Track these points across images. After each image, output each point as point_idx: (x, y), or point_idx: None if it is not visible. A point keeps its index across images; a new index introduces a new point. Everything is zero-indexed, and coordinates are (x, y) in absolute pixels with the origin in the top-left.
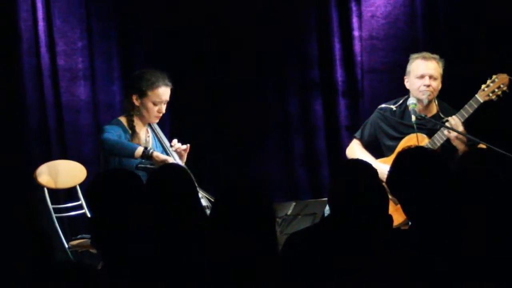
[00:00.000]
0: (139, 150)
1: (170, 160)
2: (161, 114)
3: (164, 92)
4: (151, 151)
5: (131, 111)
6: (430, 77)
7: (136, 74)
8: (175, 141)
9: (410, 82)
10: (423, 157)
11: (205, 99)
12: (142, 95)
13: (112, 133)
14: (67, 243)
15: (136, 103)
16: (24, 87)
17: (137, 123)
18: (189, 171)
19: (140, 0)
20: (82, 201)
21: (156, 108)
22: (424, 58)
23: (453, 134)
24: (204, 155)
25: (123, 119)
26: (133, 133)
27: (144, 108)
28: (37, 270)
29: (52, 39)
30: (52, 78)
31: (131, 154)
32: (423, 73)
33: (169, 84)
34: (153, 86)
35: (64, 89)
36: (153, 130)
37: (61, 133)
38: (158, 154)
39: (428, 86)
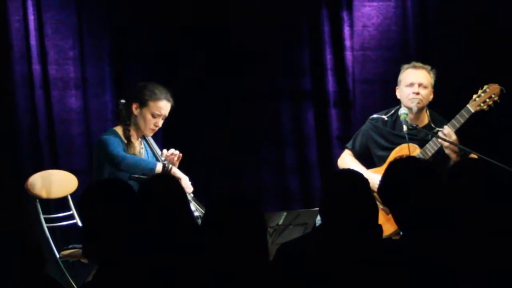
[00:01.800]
0: (159, 166)
1: (184, 179)
2: (156, 128)
3: (165, 106)
4: (170, 166)
5: (127, 121)
6: (420, 85)
7: (140, 84)
8: (164, 151)
9: (400, 91)
10: (415, 167)
11: (197, 111)
12: (143, 104)
13: (118, 147)
14: (59, 253)
15: (135, 112)
16: (15, 96)
17: (133, 134)
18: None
19: (132, 10)
20: (73, 211)
21: (153, 120)
22: (415, 67)
23: (445, 144)
24: (197, 165)
25: (118, 129)
26: (129, 143)
27: (142, 118)
28: (28, 280)
29: (44, 48)
30: (44, 87)
31: (152, 171)
32: (412, 81)
33: (171, 100)
34: (155, 97)
35: (56, 98)
36: (146, 141)
37: (52, 143)
38: (175, 171)
39: (417, 93)
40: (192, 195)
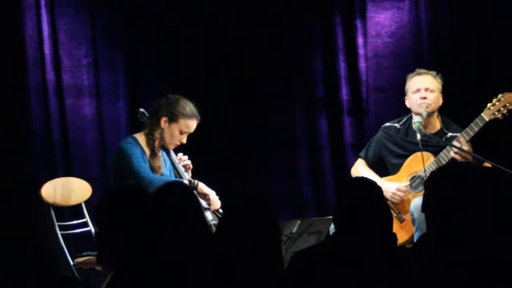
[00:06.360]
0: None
1: (212, 194)
2: (179, 144)
3: (194, 124)
4: (196, 183)
5: (152, 131)
6: (426, 89)
7: (171, 98)
8: (180, 154)
9: (409, 99)
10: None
11: (210, 118)
12: (173, 120)
13: (142, 163)
14: (72, 260)
15: (163, 125)
16: (29, 104)
17: (156, 145)
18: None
19: (146, 17)
20: (87, 218)
21: (180, 136)
22: (419, 73)
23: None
24: (210, 173)
25: (139, 137)
26: (154, 154)
27: (169, 133)
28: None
29: (58, 56)
30: (57, 95)
31: None
32: (418, 87)
33: (199, 118)
34: (187, 115)
35: (69, 106)
36: (164, 149)
37: (66, 151)
38: (202, 187)
39: (425, 98)
40: (221, 210)
